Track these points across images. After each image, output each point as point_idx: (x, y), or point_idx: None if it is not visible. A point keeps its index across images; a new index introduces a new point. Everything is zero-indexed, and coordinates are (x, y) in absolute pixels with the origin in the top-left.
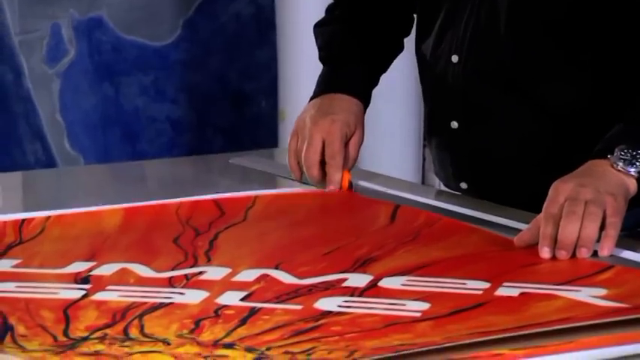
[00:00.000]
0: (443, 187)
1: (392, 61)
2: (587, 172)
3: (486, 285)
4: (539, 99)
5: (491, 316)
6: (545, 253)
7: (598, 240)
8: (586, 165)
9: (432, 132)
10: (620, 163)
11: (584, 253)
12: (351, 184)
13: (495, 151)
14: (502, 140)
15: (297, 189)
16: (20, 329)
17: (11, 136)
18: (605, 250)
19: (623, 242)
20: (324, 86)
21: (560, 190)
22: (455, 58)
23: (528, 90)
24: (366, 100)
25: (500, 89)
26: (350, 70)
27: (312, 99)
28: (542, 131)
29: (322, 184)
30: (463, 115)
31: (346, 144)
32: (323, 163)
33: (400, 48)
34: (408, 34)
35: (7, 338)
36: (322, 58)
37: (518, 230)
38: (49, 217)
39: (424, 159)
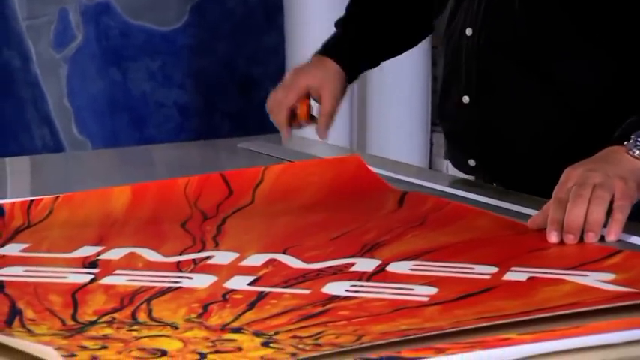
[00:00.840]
0: (450, 172)
1: (397, 51)
2: (602, 159)
3: (494, 269)
4: (551, 76)
5: (499, 301)
6: (552, 237)
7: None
8: (602, 152)
9: (443, 107)
10: (637, 151)
11: (591, 238)
12: (310, 115)
13: (505, 129)
14: (513, 117)
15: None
16: (29, 313)
17: (19, 121)
18: (612, 234)
19: (631, 227)
20: (316, 51)
21: (570, 176)
22: (469, 32)
23: (541, 66)
24: (349, 68)
25: (513, 64)
26: (341, 38)
27: None
28: (554, 111)
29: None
30: (475, 90)
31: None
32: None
33: (409, 44)
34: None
35: (16, 322)
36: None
37: (528, 216)
38: (57, 198)
39: (432, 144)
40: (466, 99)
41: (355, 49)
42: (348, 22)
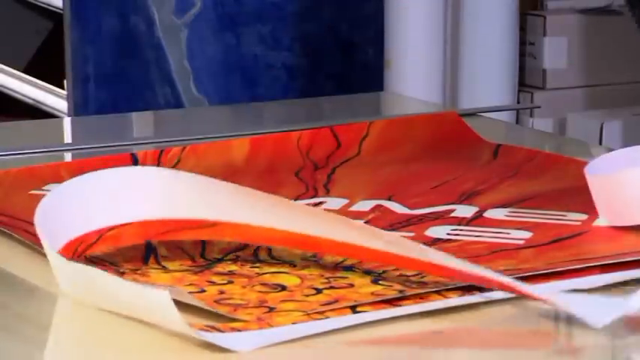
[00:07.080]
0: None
1: None
2: None
3: (584, 217)
4: None
5: (591, 244)
6: None
7: None
8: None
9: None
10: None
11: None
12: None
13: None
14: None
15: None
16: (162, 251)
17: (144, 80)
18: None
19: None
20: None
21: None
22: None
23: None
24: None
25: None
26: None
27: None
28: None
29: None
30: None
31: None
32: None
33: None
34: None
35: (151, 259)
36: None
37: None
38: (184, 148)
39: (518, 103)
40: None
41: None
42: None
